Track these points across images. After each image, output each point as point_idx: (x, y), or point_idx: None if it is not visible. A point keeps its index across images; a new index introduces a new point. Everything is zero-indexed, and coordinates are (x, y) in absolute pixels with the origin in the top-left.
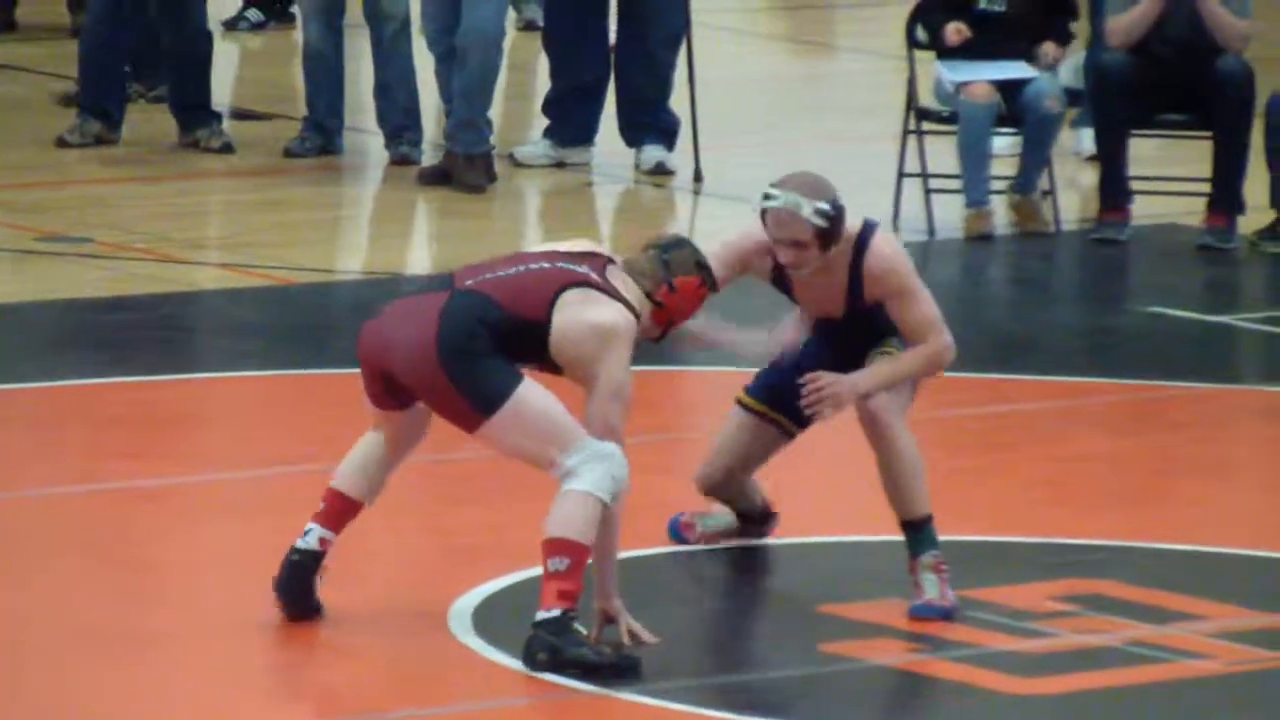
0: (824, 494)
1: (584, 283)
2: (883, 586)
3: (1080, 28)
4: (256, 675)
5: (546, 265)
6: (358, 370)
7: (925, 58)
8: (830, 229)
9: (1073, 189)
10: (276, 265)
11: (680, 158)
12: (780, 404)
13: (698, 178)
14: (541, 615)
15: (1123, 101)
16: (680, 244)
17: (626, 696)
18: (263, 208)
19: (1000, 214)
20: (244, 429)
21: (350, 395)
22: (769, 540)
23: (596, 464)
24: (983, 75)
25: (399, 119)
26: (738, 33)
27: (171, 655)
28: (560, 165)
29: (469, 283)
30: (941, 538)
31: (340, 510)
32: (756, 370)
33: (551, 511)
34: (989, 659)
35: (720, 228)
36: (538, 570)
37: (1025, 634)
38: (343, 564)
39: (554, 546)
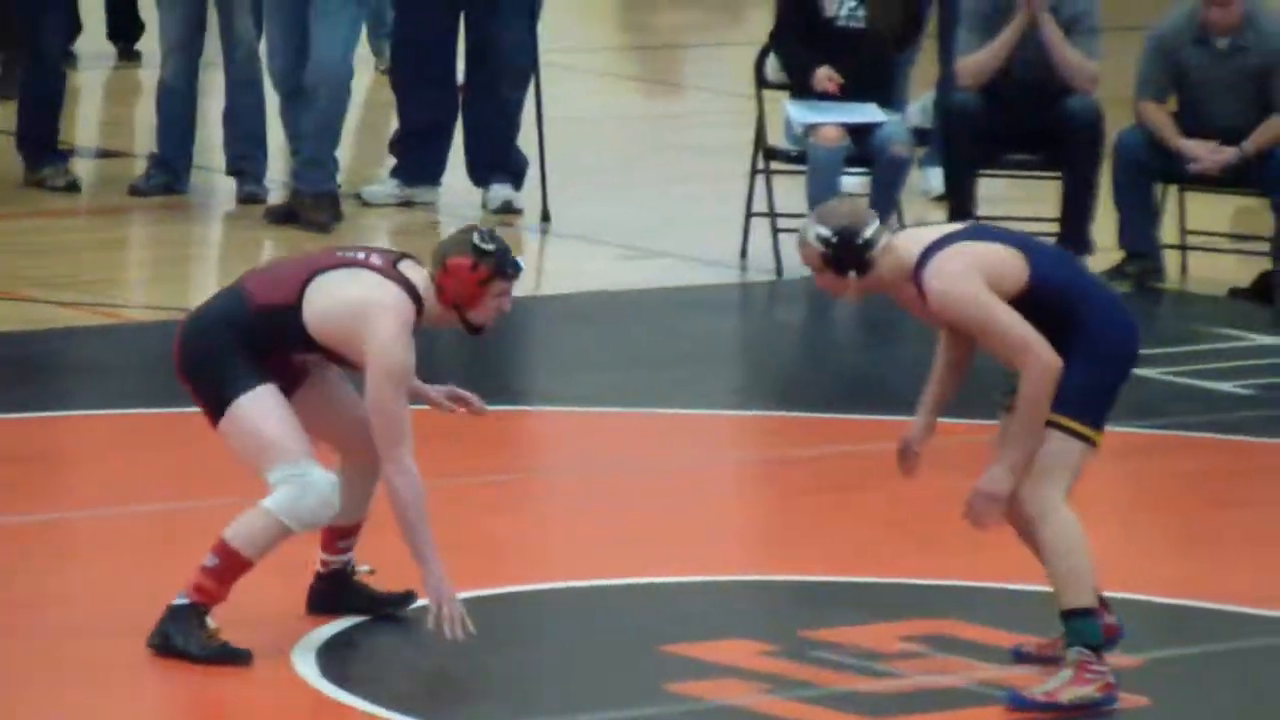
0: (671, 534)
1: (349, 265)
2: (730, 626)
3: (928, 68)
4: (96, 715)
5: (322, 253)
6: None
7: (774, 97)
8: (832, 255)
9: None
10: (123, 304)
11: (528, 197)
12: None
13: (545, 217)
14: (175, 601)
15: (972, 141)
16: (470, 229)
17: None
18: (111, 246)
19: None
20: (100, 467)
21: (203, 432)
22: (615, 580)
23: (291, 487)
24: (832, 117)
25: (241, 147)
26: (586, 72)
27: (6, 696)
28: (407, 204)
29: (241, 277)
30: (786, 577)
31: (330, 535)
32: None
33: (241, 514)
34: (837, 699)
35: (568, 268)
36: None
37: (873, 674)
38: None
39: (216, 546)
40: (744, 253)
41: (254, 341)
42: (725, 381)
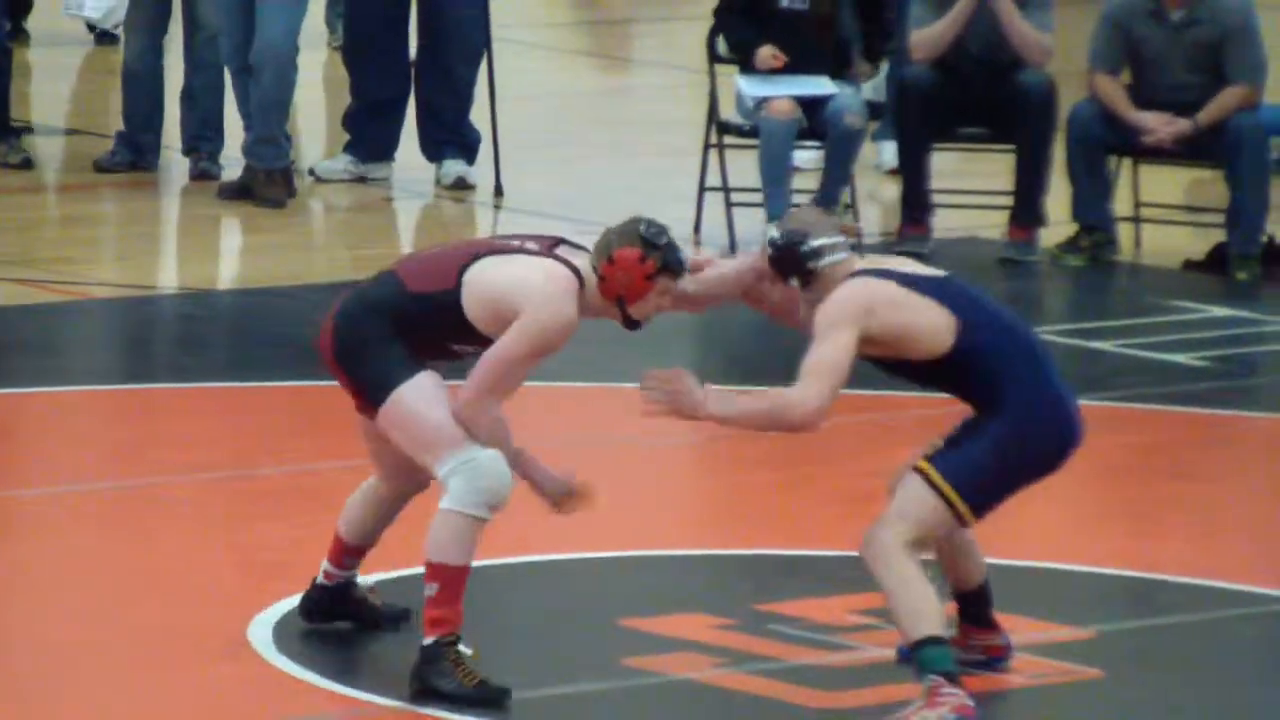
0: (626, 508)
1: (507, 250)
2: (685, 600)
3: None
4: (47, 697)
5: (477, 240)
6: (165, 385)
7: (726, 71)
8: (776, 259)
9: (874, 202)
10: (76, 280)
11: (481, 172)
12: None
13: (498, 192)
14: (423, 643)
15: (925, 115)
16: (637, 220)
17: (428, 712)
18: (66, 223)
19: None
20: (49, 445)
21: (153, 409)
22: (570, 554)
23: (461, 477)
24: (783, 90)
25: (197, 127)
26: (538, 48)
27: None
28: (361, 180)
29: (392, 265)
30: (740, 551)
31: (338, 550)
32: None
33: (429, 530)
34: (791, 673)
35: None
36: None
37: (827, 647)
38: (143, 577)
39: (427, 571)
40: (697, 227)
41: (410, 329)
42: (680, 356)
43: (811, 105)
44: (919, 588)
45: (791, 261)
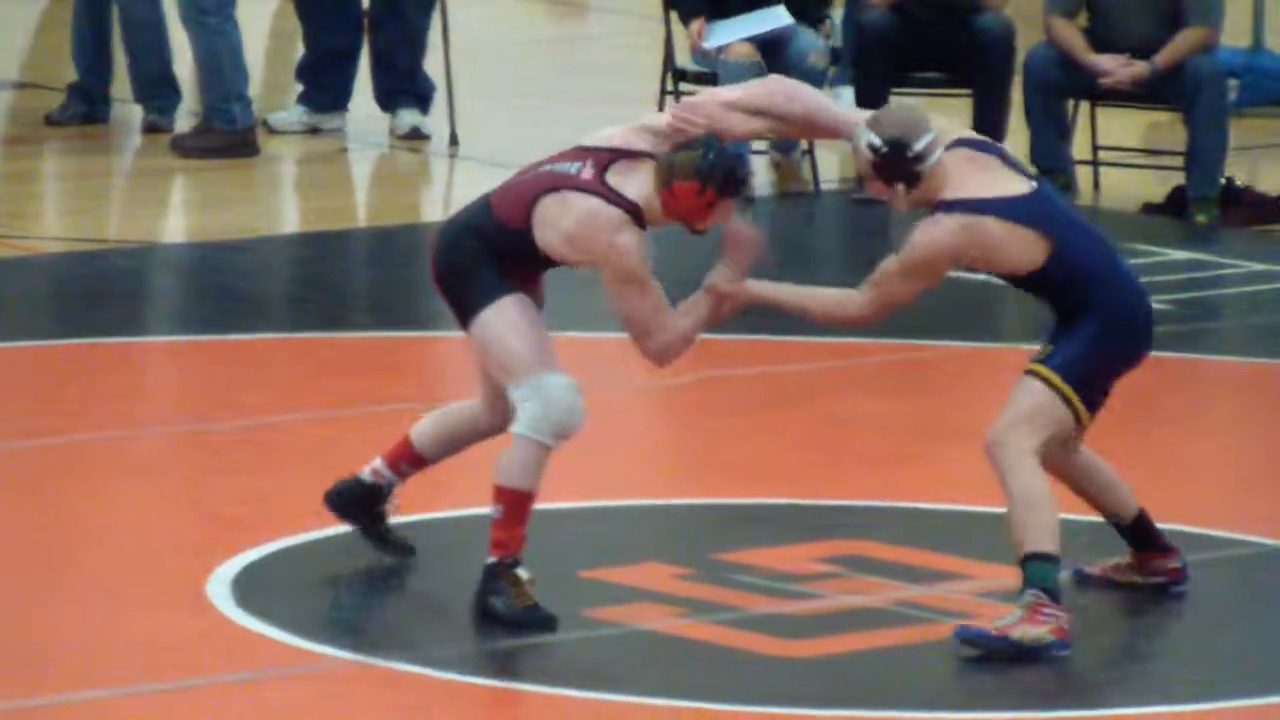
0: (586, 458)
1: (562, 186)
2: (646, 551)
3: None
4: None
5: (544, 169)
6: (119, 339)
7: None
8: (881, 164)
9: (832, 149)
10: (25, 235)
11: (435, 122)
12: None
13: (453, 141)
14: (486, 561)
15: (883, 59)
16: (694, 146)
17: (390, 665)
18: (15, 179)
19: (760, 174)
20: (4, 400)
21: (106, 364)
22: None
23: (533, 403)
24: (740, 33)
25: (146, 87)
26: None
27: None
28: (315, 131)
29: (490, 191)
30: (700, 501)
31: (400, 453)
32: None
33: (500, 454)
34: (754, 622)
35: (476, 193)
36: (298, 539)
37: (790, 596)
38: (101, 532)
39: (494, 494)
40: None
41: (500, 253)
42: None
43: (770, 47)
44: (1041, 500)
45: (898, 167)
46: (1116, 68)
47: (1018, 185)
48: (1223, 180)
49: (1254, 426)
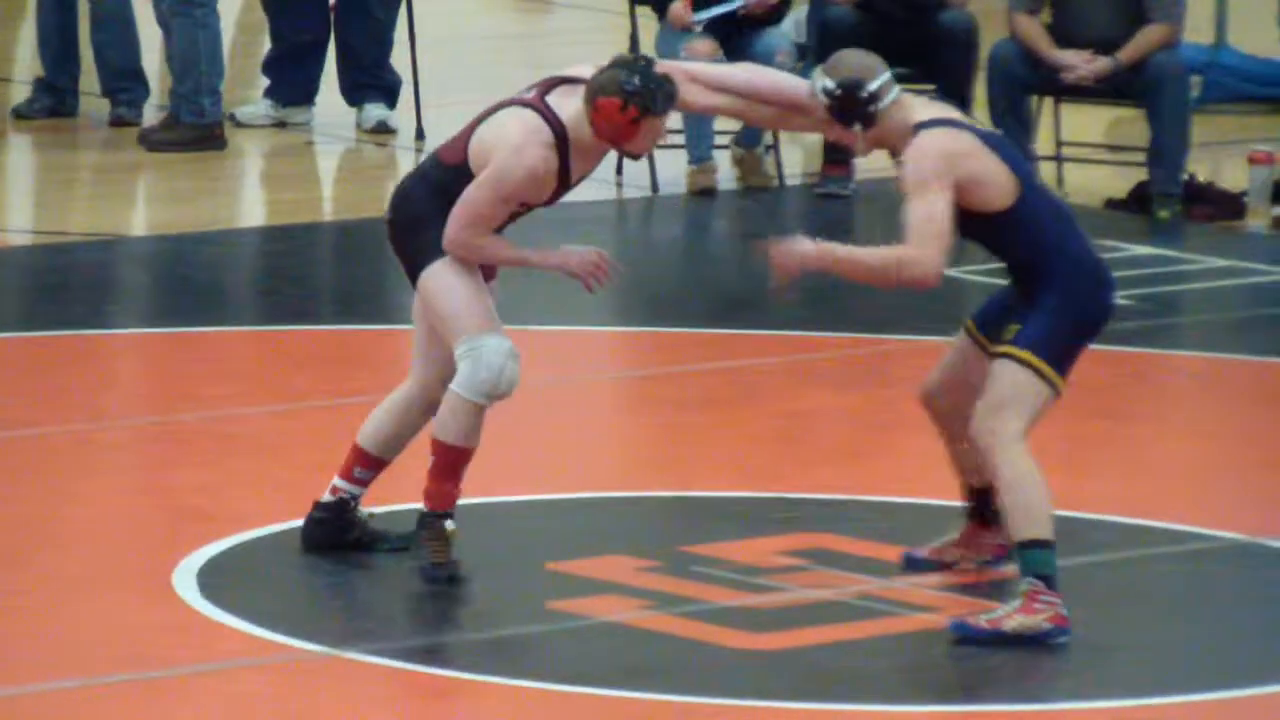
0: (549, 450)
1: (500, 106)
2: (609, 543)
3: None
4: None
5: (488, 109)
6: (83, 332)
7: (647, 13)
8: (836, 107)
9: (796, 143)
10: None
11: (402, 116)
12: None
13: (420, 136)
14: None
15: None
16: (619, 64)
17: (353, 656)
18: None
19: (724, 169)
20: None
21: (71, 356)
22: (496, 498)
23: (467, 362)
24: (704, 14)
25: (113, 79)
26: None
27: None
28: (281, 125)
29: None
30: (664, 493)
31: (355, 461)
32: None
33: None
34: (717, 614)
35: None
36: (263, 530)
37: (753, 589)
38: (65, 524)
39: (431, 445)
40: (619, 169)
41: (446, 199)
42: (602, 298)
43: (735, 44)
44: (1034, 485)
45: (851, 107)
46: (1080, 63)
47: (985, 127)
48: (1185, 176)
49: (1214, 422)
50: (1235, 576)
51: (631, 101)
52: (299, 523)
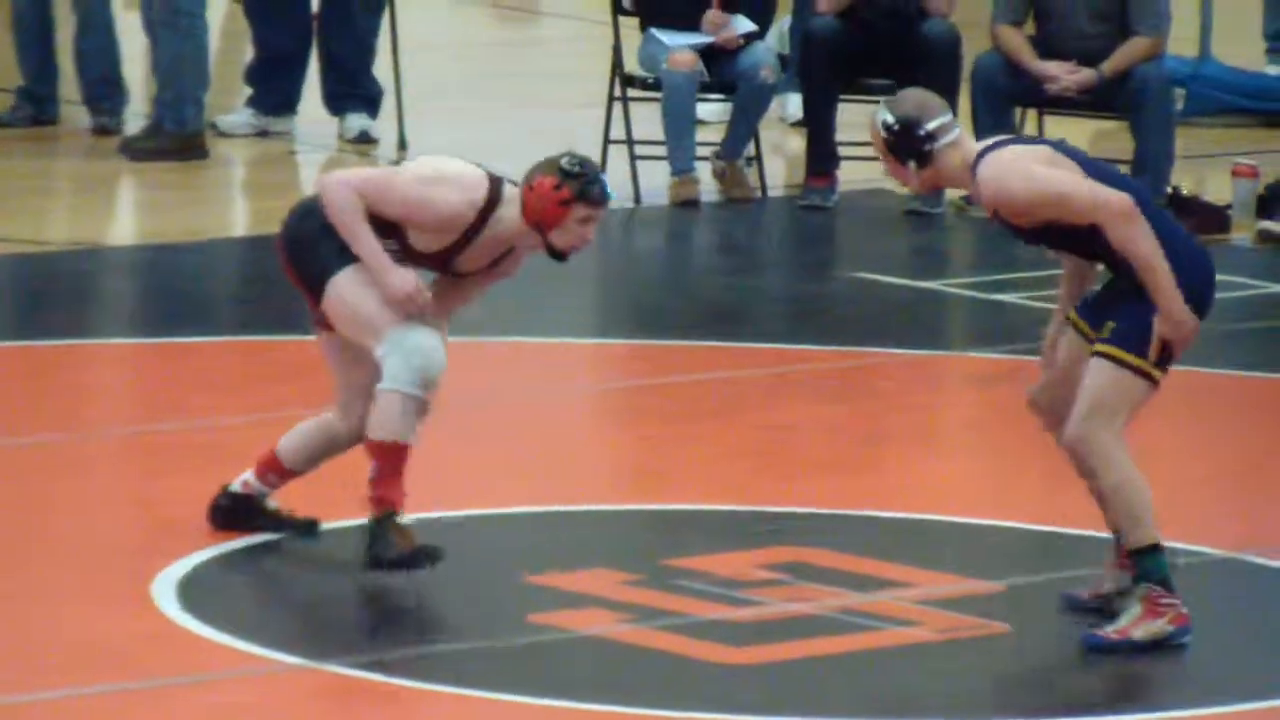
0: (530, 463)
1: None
2: (591, 556)
3: None
4: None
5: None
6: (64, 342)
7: (630, 23)
8: (895, 143)
9: (779, 155)
10: None
11: (384, 125)
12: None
13: (402, 145)
14: (367, 521)
15: (830, 67)
16: (563, 154)
17: (333, 668)
18: None
19: (706, 180)
20: None
21: (53, 365)
22: (477, 511)
23: (395, 356)
24: (696, 38)
25: (95, 86)
26: None
27: None
28: (263, 134)
29: None
30: (646, 506)
31: (270, 466)
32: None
33: (370, 412)
34: (698, 629)
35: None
36: (244, 541)
37: (734, 603)
38: (45, 534)
39: (368, 449)
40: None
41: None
42: (583, 310)
43: (717, 58)
44: (1138, 489)
45: (908, 143)
46: (1063, 75)
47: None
48: (1169, 189)
49: (1198, 436)
50: (1218, 592)
51: (567, 183)
52: (281, 535)
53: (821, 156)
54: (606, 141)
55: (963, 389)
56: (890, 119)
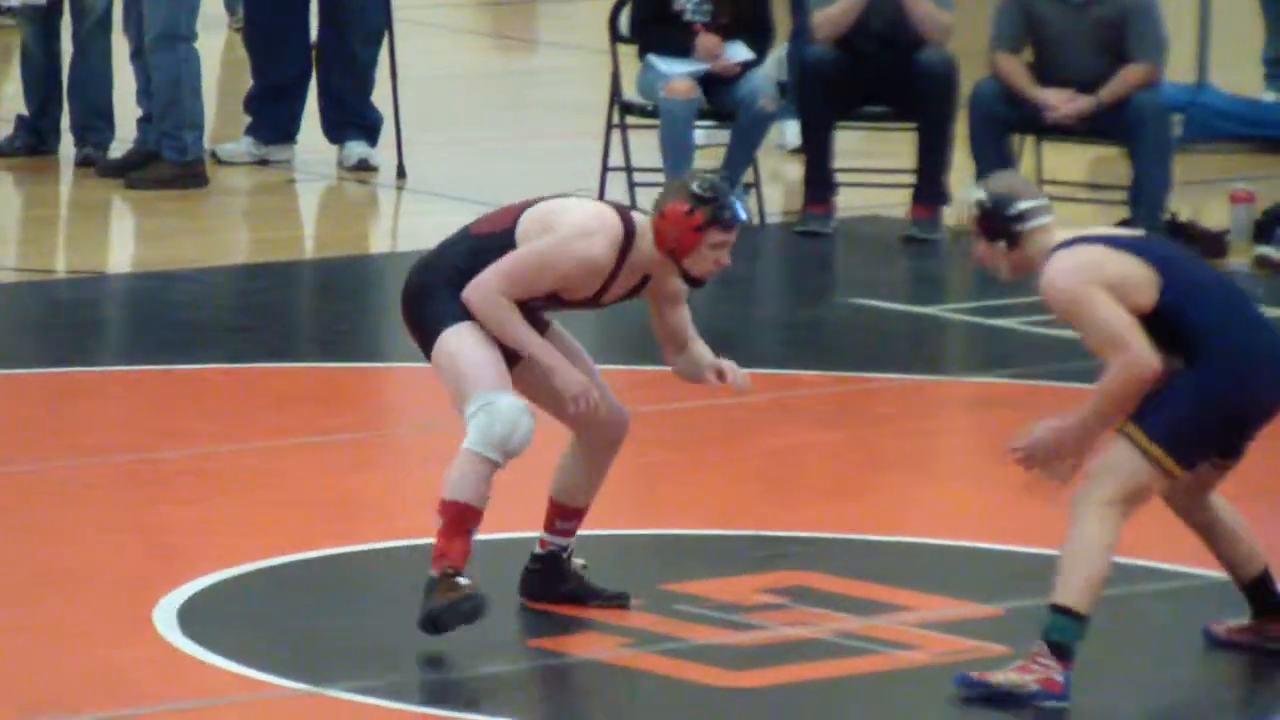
0: (527, 489)
1: (546, 198)
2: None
3: (782, 20)
4: None
5: (542, 197)
6: (65, 370)
7: (629, 52)
8: (985, 220)
9: (777, 181)
10: None
11: (383, 154)
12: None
13: (401, 174)
14: (428, 575)
15: (827, 94)
16: (693, 175)
17: (333, 694)
18: None
19: None
20: None
21: (53, 393)
22: (476, 536)
23: (479, 418)
24: (696, 65)
25: (85, 116)
26: (440, 28)
27: None
28: (263, 163)
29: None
30: (644, 531)
31: (551, 513)
32: None
33: (447, 471)
34: (698, 652)
35: (424, 225)
36: (244, 568)
37: (734, 627)
38: (46, 562)
39: (438, 507)
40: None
41: (468, 274)
42: (581, 335)
43: (713, 85)
44: (1096, 557)
45: (999, 223)
46: (1061, 102)
47: (1126, 231)
48: (1167, 215)
49: None
50: (1217, 614)
51: (699, 208)
52: (282, 560)
53: (819, 183)
54: (605, 169)
55: (961, 414)
56: (983, 196)
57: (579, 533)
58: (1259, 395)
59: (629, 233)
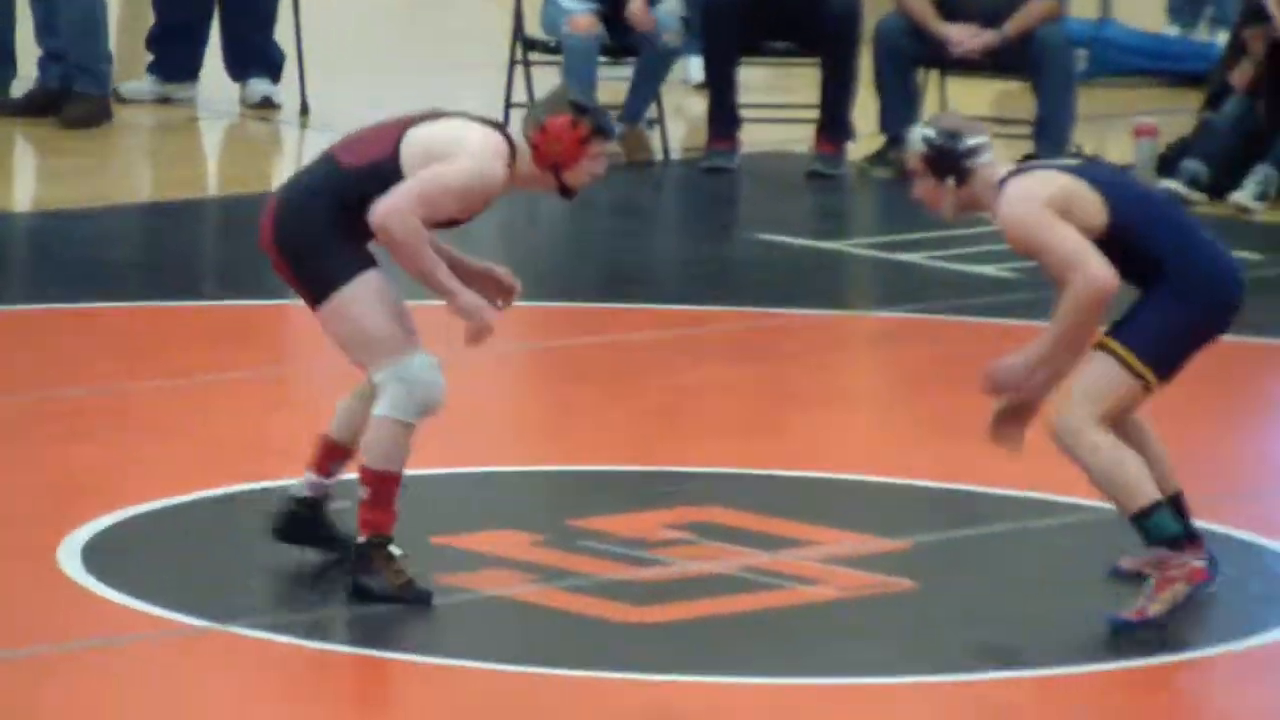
0: (437, 425)
1: (445, 115)
2: (497, 517)
3: None
4: None
5: (411, 114)
6: None
7: None
8: (934, 157)
9: (680, 117)
10: None
11: (286, 91)
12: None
13: (304, 110)
14: (355, 543)
15: (731, 29)
16: (565, 88)
17: (238, 630)
18: None
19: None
20: None
21: None
22: None
23: (395, 385)
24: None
25: None
26: None
27: None
28: (165, 101)
29: (328, 148)
30: (551, 468)
31: (326, 454)
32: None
33: (363, 436)
34: (603, 588)
35: None
36: (149, 505)
37: (639, 562)
38: None
39: (360, 476)
40: None
41: (350, 211)
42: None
43: (614, 19)
44: (1122, 461)
45: (949, 159)
46: (965, 37)
47: (1068, 160)
48: (1071, 149)
49: None
50: (1118, 546)
51: (583, 119)
52: (189, 497)
53: (723, 119)
54: (508, 105)
55: (867, 349)
56: (931, 133)
57: (489, 468)
58: (1219, 314)
59: (512, 151)
